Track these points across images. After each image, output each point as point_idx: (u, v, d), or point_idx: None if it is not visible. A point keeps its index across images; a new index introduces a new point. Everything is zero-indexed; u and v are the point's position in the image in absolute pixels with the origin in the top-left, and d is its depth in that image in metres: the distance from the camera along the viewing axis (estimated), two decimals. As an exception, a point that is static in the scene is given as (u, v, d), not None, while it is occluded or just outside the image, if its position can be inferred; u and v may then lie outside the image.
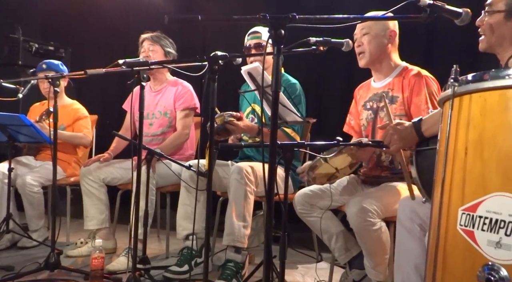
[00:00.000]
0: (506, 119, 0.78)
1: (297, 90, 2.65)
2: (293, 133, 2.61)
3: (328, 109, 3.71)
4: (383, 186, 2.19)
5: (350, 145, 1.90)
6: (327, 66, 3.63)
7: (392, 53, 2.28)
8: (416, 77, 2.15)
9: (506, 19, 1.57)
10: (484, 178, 0.80)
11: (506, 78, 0.79)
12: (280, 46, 1.39)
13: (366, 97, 2.37)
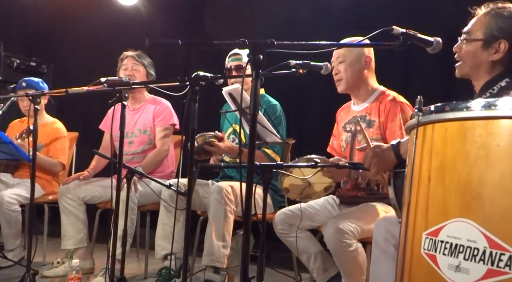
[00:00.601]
0: (464, 148, 0.83)
1: (277, 111, 2.70)
2: (273, 154, 2.64)
3: (309, 130, 3.77)
4: (360, 206, 2.23)
5: (327, 166, 1.94)
6: (309, 88, 3.71)
7: (369, 78, 2.35)
8: (392, 103, 2.22)
9: (483, 48, 1.59)
10: (445, 204, 0.84)
11: (464, 110, 0.84)
12: (258, 70, 1.44)
13: (346, 119, 2.43)
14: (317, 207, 2.38)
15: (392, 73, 3.30)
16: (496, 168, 0.79)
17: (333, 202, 2.41)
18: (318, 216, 2.35)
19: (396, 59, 3.34)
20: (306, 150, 3.67)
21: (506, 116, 0.79)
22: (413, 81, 3.41)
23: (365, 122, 2.31)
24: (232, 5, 3.94)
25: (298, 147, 3.77)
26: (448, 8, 3.21)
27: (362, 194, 2.30)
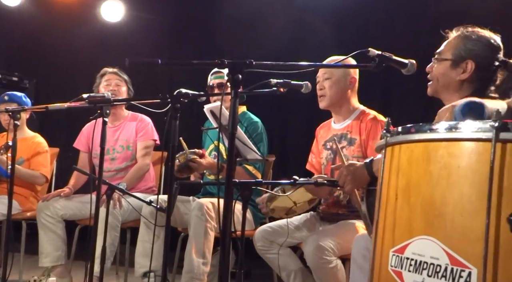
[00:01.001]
0: (428, 169, 0.87)
1: (258, 128, 2.73)
2: (254, 171, 2.66)
3: (291, 146, 3.81)
4: (340, 223, 2.25)
5: (307, 184, 1.97)
6: (292, 104, 3.76)
7: (352, 98, 2.40)
8: (372, 121, 2.27)
9: (451, 68, 1.67)
10: (411, 222, 0.87)
11: (428, 132, 0.88)
12: (237, 89, 1.48)
13: (327, 137, 2.47)
14: (297, 223, 2.40)
15: (373, 91, 3.38)
16: (457, 188, 0.83)
17: (314, 218, 2.44)
18: (299, 232, 2.36)
19: (377, 78, 3.42)
20: (288, 166, 3.73)
21: (466, 138, 0.83)
22: (392, 100, 3.48)
23: (346, 140, 2.35)
24: (217, 23, 4.00)
25: (281, 163, 3.81)
26: (426, 29, 3.31)
27: (343, 211, 2.32)
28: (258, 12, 3.75)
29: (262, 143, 2.72)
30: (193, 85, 2.89)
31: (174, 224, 2.72)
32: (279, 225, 2.34)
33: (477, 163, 0.81)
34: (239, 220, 2.64)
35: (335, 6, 3.47)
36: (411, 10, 3.31)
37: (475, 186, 0.80)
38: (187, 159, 2.51)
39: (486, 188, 0.77)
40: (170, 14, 4.04)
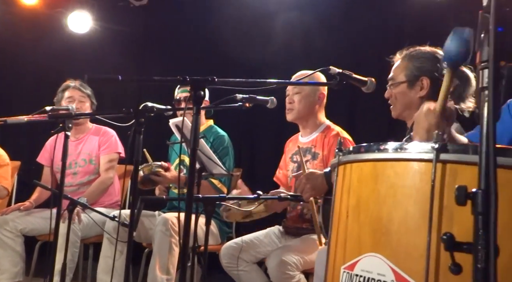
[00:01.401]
0: (376, 187, 0.90)
1: (225, 142, 2.74)
2: (219, 185, 2.66)
3: (260, 160, 3.83)
4: (304, 237, 2.28)
5: (270, 198, 1.99)
6: (260, 118, 3.78)
7: (319, 113, 2.45)
8: (335, 137, 2.32)
9: (409, 88, 1.76)
10: (360, 239, 0.90)
11: (376, 152, 0.92)
12: (199, 106, 1.49)
13: (293, 150, 2.51)
14: (262, 238, 2.41)
15: (340, 107, 3.44)
16: (402, 207, 0.86)
17: (278, 232, 2.45)
18: (263, 247, 2.37)
19: (344, 94, 3.49)
20: (257, 179, 3.74)
21: (411, 159, 0.87)
22: (358, 117, 3.55)
23: (310, 154, 2.39)
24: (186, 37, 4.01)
25: (250, 176, 3.81)
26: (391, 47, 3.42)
27: (307, 225, 2.35)
28: (227, 27, 3.79)
29: (228, 157, 2.73)
30: (163, 97, 2.89)
31: (139, 239, 2.68)
32: (244, 240, 2.35)
33: (420, 182, 0.84)
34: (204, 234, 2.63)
35: (305, 23, 3.55)
36: (376, 29, 3.41)
37: (418, 204, 0.83)
38: (151, 171, 2.49)
39: (428, 207, 0.80)
40: (139, 26, 4.02)
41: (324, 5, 3.49)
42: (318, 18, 3.50)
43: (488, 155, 0.62)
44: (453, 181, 0.81)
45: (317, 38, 3.54)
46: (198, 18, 3.92)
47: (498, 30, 0.64)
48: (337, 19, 3.51)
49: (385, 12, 3.38)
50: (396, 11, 3.32)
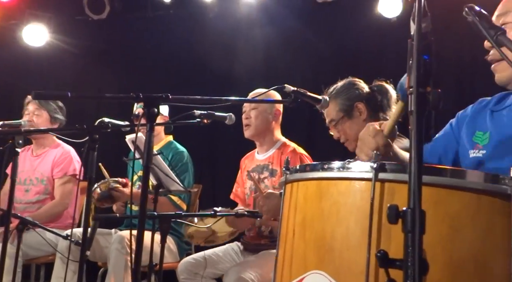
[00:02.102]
0: (320, 206, 0.93)
1: (184, 158, 2.73)
2: (179, 201, 2.64)
3: (221, 175, 3.82)
4: (262, 254, 2.28)
5: (227, 215, 1.99)
6: (222, 134, 3.79)
7: (275, 130, 2.49)
8: (292, 153, 2.36)
9: (351, 120, 1.90)
10: (305, 257, 0.92)
11: (320, 171, 0.95)
12: (152, 123, 1.48)
13: (250, 167, 2.52)
14: (220, 254, 2.40)
15: (298, 125, 3.50)
16: (344, 224, 0.89)
17: (237, 248, 2.45)
18: (222, 263, 2.36)
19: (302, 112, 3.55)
20: (218, 195, 3.72)
21: (352, 178, 0.90)
22: (317, 134, 3.61)
23: (268, 171, 2.42)
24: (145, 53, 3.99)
25: (211, 192, 3.80)
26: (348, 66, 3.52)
27: (265, 242, 2.36)
28: (188, 44, 3.80)
29: (188, 173, 2.71)
30: (125, 112, 2.84)
31: (93, 258, 2.60)
32: (202, 256, 2.33)
33: (361, 201, 0.87)
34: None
35: (267, 41, 3.61)
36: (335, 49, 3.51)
37: (359, 222, 0.86)
38: (109, 187, 2.44)
39: (368, 224, 0.83)
40: (98, 40, 3.97)
41: (286, 24, 3.57)
42: (280, 36, 3.58)
43: (415, 174, 0.66)
44: (391, 199, 0.84)
45: (279, 56, 3.61)
46: (158, 34, 3.92)
47: (424, 58, 0.68)
48: (298, 38, 3.58)
49: (343, 33, 3.49)
50: (354, 30, 3.44)
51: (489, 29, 1.01)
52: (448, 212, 0.83)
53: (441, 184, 0.84)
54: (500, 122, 1.23)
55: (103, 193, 2.44)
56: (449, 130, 1.37)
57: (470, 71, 3.05)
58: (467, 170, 0.87)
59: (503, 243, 0.82)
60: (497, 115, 1.25)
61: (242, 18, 3.68)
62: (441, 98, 0.68)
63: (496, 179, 0.84)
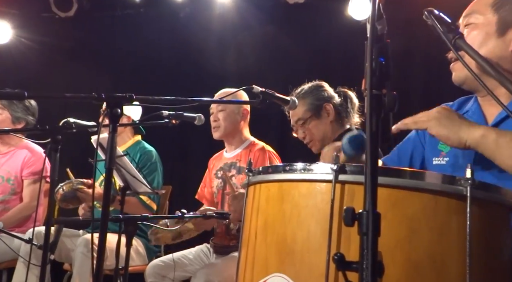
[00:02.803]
0: (281, 208, 0.92)
1: (153, 157, 2.68)
2: (149, 201, 2.60)
3: (192, 175, 3.78)
4: (230, 256, 2.27)
5: (195, 217, 1.96)
6: (192, 134, 3.75)
7: (244, 129, 2.49)
8: (260, 151, 2.37)
9: (318, 119, 1.91)
10: (267, 260, 0.91)
11: (282, 172, 0.94)
12: (115, 124, 1.44)
13: (218, 166, 2.51)
14: (190, 256, 2.38)
15: (270, 126, 3.50)
16: (305, 226, 0.88)
17: (207, 250, 2.43)
18: (191, 266, 2.34)
19: (275, 113, 3.55)
20: (190, 195, 3.68)
21: (313, 179, 0.89)
22: (289, 136, 3.62)
23: (235, 169, 2.41)
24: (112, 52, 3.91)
25: (182, 192, 3.75)
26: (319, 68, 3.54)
27: (234, 243, 2.35)
28: (156, 44, 3.75)
29: (157, 172, 2.67)
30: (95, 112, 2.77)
31: (59, 258, 2.54)
32: (171, 259, 2.30)
33: (321, 202, 0.87)
34: (131, 255, 2.54)
35: (238, 42, 3.59)
36: (305, 50, 3.52)
37: (320, 224, 0.86)
38: (73, 188, 2.38)
39: (328, 227, 0.83)
40: (65, 38, 3.86)
41: (258, 25, 3.56)
42: (252, 37, 3.56)
43: (370, 176, 0.66)
44: (350, 201, 0.85)
45: (251, 57, 3.59)
46: (128, 33, 3.85)
47: (379, 60, 0.68)
48: (270, 39, 3.58)
49: (314, 34, 3.51)
50: (324, 32, 3.46)
51: (447, 32, 1.03)
52: (406, 213, 0.84)
53: (400, 185, 0.85)
54: None
55: (67, 194, 2.38)
56: (414, 136, 1.39)
57: (437, 73, 3.12)
58: (426, 171, 0.88)
59: (459, 242, 0.83)
60: None
61: (213, 18, 3.65)
62: (397, 100, 0.68)
63: (452, 180, 0.85)
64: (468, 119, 1.21)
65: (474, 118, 1.22)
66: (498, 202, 0.89)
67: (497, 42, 1.16)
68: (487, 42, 1.15)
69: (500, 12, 1.16)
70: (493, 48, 1.15)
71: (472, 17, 1.19)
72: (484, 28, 1.16)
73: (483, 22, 1.16)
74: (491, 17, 1.16)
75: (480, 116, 1.22)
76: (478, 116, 1.22)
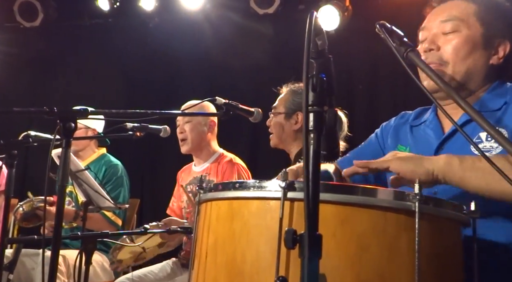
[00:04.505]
0: (231, 227, 0.89)
1: (118, 171, 2.62)
2: (113, 217, 2.53)
3: (162, 188, 3.71)
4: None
5: (158, 232, 1.91)
6: (161, 146, 3.69)
7: (211, 141, 2.45)
8: (228, 164, 2.34)
9: (286, 120, 1.88)
10: (217, 281, 0.88)
11: (232, 190, 0.91)
12: (68, 139, 1.39)
13: (187, 180, 2.47)
14: (156, 271, 2.32)
15: (241, 138, 3.47)
16: (254, 246, 0.85)
17: (174, 265, 2.37)
18: (158, 281, 2.28)
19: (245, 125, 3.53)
20: (159, 208, 3.61)
21: (263, 197, 0.87)
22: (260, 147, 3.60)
23: (205, 182, 2.36)
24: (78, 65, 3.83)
25: (153, 206, 3.68)
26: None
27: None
28: (124, 54, 3.69)
29: (123, 187, 2.61)
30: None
31: (19, 281, 2.43)
32: (137, 275, 2.24)
33: (271, 221, 0.84)
34: (96, 271, 2.47)
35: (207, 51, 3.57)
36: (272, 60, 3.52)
37: (269, 243, 0.83)
38: (33, 206, 2.30)
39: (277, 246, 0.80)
40: (28, 48, 3.76)
41: (228, 35, 3.54)
42: (222, 47, 3.54)
43: (311, 196, 0.63)
44: (300, 219, 0.82)
45: (221, 67, 3.57)
46: (96, 43, 3.78)
47: (321, 76, 0.66)
48: (240, 49, 3.57)
49: (283, 44, 3.52)
50: (294, 41, 3.47)
51: (399, 46, 1.03)
52: (355, 230, 0.82)
53: (349, 202, 0.83)
54: (418, 137, 1.25)
55: (27, 213, 2.31)
56: (374, 140, 1.38)
57: (404, 82, 3.16)
58: (378, 187, 0.86)
59: (408, 259, 0.81)
60: (415, 130, 1.27)
61: (183, 28, 3.63)
62: (337, 117, 0.66)
63: (402, 195, 0.84)
64: (427, 129, 1.21)
65: (432, 127, 1.22)
66: (448, 217, 0.88)
67: (481, 54, 1.16)
68: (473, 53, 1.16)
69: (485, 25, 1.16)
70: (478, 59, 1.16)
71: (455, 24, 1.16)
72: (471, 39, 1.16)
73: (470, 33, 1.16)
74: (478, 29, 1.16)
75: (437, 126, 1.22)
76: (435, 126, 1.22)
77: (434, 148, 1.17)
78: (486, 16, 1.17)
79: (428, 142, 1.20)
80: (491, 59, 1.17)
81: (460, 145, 1.13)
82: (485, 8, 1.18)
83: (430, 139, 1.21)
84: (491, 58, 1.17)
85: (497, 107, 1.15)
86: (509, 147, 0.85)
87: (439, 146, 1.17)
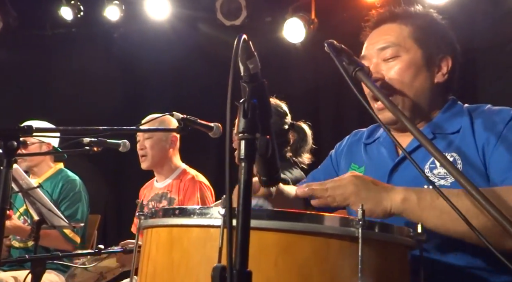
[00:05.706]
0: (170, 256, 0.84)
1: (76, 186, 2.53)
2: (71, 234, 2.43)
3: (127, 205, 3.62)
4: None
5: (114, 252, 1.83)
6: (126, 160, 3.60)
7: (173, 157, 2.40)
8: (191, 181, 2.28)
9: None
10: (153, 315, 0.83)
11: (172, 217, 0.86)
12: (11, 158, 1.31)
13: (149, 196, 2.41)
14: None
15: (210, 153, 3.42)
16: (193, 277, 0.81)
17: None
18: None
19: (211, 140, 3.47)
20: (123, 226, 3.51)
21: (203, 225, 0.82)
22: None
23: (166, 200, 2.31)
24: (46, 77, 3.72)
25: (115, 221, 3.57)
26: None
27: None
28: (88, 64, 3.60)
29: (81, 202, 2.52)
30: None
31: (-32, 305, 2.29)
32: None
33: (210, 250, 0.80)
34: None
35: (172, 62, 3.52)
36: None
37: (209, 275, 0.78)
38: None
39: (216, 277, 0.76)
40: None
41: (194, 46, 3.51)
42: (187, 58, 3.50)
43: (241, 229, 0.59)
44: (240, 247, 0.78)
45: (186, 79, 3.52)
46: (58, 53, 3.67)
47: (252, 101, 0.63)
48: (206, 60, 3.53)
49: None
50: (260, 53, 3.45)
51: (348, 64, 1.01)
52: (297, 259, 0.78)
53: (292, 229, 0.79)
54: (371, 155, 1.23)
55: None
56: (329, 163, 1.36)
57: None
58: (325, 214, 0.83)
59: (352, 287, 0.78)
60: (369, 148, 1.26)
61: (149, 39, 3.57)
62: (269, 144, 0.62)
63: (346, 221, 0.81)
64: (381, 147, 1.19)
65: (385, 145, 1.20)
66: (393, 242, 0.85)
67: (426, 75, 1.16)
68: (418, 76, 1.15)
69: (423, 45, 1.16)
70: (424, 81, 1.15)
71: (394, 50, 1.15)
72: (413, 63, 1.15)
73: (410, 57, 1.14)
74: (417, 51, 1.15)
75: (390, 144, 1.21)
76: (389, 143, 1.21)
77: (389, 170, 1.15)
78: (422, 36, 1.16)
79: (382, 162, 1.19)
80: (435, 77, 1.17)
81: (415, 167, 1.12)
82: (419, 28, 1.17)
83: (384, 159, 1.19)
84: (435, 76, 1.17)
85: (453, 130, 1.13)
86: (458, 176, 0.83)
87: (394, 168, 1.15)
